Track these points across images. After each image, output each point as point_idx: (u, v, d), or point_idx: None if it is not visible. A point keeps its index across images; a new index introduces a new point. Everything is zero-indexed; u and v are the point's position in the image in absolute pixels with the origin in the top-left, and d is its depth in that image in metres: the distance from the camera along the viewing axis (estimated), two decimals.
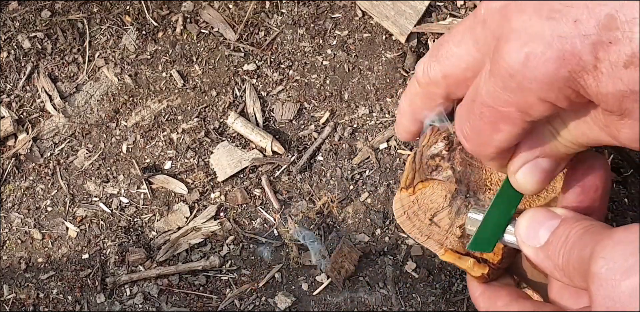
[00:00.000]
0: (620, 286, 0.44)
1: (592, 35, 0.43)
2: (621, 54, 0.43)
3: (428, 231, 0.64)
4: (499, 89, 0.47)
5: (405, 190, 0.64)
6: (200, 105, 0.91)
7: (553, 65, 0.45)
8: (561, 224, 0.52)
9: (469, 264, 0.63)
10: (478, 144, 0.52)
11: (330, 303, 0.85)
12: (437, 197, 0.63)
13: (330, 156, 0.88)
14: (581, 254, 0.49)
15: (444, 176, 0.62)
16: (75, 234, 0.88)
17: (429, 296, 0.84)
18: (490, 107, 0.49)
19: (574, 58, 0.44)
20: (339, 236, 0.86)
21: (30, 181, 0.90)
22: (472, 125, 0.51)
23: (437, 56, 0.53)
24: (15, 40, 0.93)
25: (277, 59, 0.91)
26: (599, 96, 0.45)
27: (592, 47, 0.43)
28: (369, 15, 0.92)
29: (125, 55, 0.93)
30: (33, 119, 0.92)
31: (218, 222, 0.87)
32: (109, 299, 0.86)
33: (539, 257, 0.53)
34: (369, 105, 0.89)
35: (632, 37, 0.42)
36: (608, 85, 0.44)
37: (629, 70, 0.43)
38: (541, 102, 0.47)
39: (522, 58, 0.45)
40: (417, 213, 0.64)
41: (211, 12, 0.93)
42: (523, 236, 0.55)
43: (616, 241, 0.46)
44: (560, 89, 0.46)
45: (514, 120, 0.49)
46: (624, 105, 0.45)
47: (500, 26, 0.47)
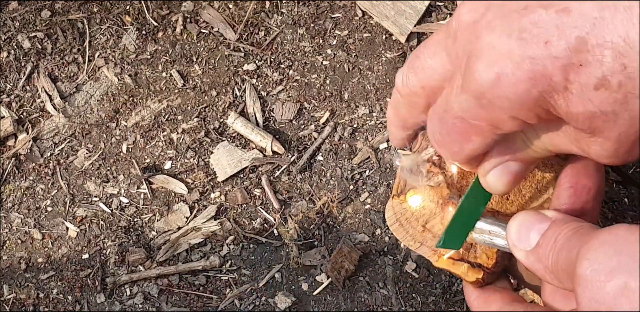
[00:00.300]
0: (605, 287, 0.44)
1: (562, 57, 0.44)
2: (591, 76, 0.43)
3: (421, 237, 0.64)
4: (470, 104, 0.48)
5: (397, 197, 0.64)
6: (200, 105, 0.91)
7: (524, 85, 0.45)
8: (550, 227, 0.53)
9: (463, 269, 0.63)
10: (450, 151, 0.53)
11: (330, 303, 0.85)
12: (430, 203, 0.63)
13: (330, 156, 0.88)
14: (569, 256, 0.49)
15: (435, 181, 0.62)
16: (75, 234, 0.88)
17: (429, 296, 0.84)
18: (461, 119, 0.50)
19: (544, 79, 0.45)
20: (339, 236, 0.86)
21: (30, 181, 0.90)
22: (443, 133, 0.52)
23: (414, 68, 0.54)
24: (15, 40, 0.93)
25: (277, 59, 0.91)
26: (570, 115, 0.46)
27: (562, 69, 0.44)
28: (369, 15, 0.92)
29: (125, 55, 0.93)
30: (33, 119, 0.92)
31: (218, 222, 0.87)
32: (109, 299, 0.86)
33: (530, 260, 0.53)
34: (369, 105, 0.89)
35: (602, 61, 0.43)
36: (578, 105, 0.45)
37: (599, 92, 0.44)
38: (512, 119, 0.48)
39: (492, 77, 0.46)
40: (409, 220, 0.64)
41: (211, 12, 0.93)
42: (514, 239, 0.55)
43: (601, 242, 0.46)
44: (531, 108, 0.46)
45: (485, 133, 0.50)
46: (594, 124, 0.45)
47: (470, 42, 0.48)
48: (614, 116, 0.44)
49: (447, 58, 0.51)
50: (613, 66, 0.43)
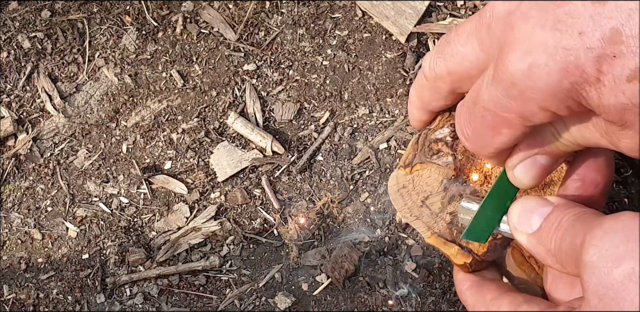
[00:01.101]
0: (613, 273, 0.44)
1: (596, 48, 0.43)
2: (625, 68, 0.43)
3: (418, 212, 0.64)
4: (501, 95, 0.48)
5: (403, 169, 0.64)
6: (200, 105, 0.91)
7: (556, 76, 0.45)
8: (554, 211, 0.53)
9: (453, 251, 0.64)
10: (478, 145, 0.53)
11: (330, 303, 0.85)
12: (433, 181, 0.63)
13: (330, 155, 0.88)
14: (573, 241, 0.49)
15: (443, 161, 0.63)
16: (75, 234, 0.88)
17: (429, 296, 0.84)
18: (491, 111, 0.49)
19: (577, 70, 0.44)
20: (339, 236, 0.86)
21: (30, 181, 0.90)
22: (473, 127, 0.52)
23: (443, 53, 0.54)
24: (15, 40, 0.93)
25: (277, 59, 0.91)
26: (601, 108, 0.46)
27: (596, 60, 0.44)
28: (369, 15, 0.92)
29: (125, 55, 0.93)
30: (33, 119, 0.92)
31: (218, 222, 0.87)
32: (109, 299, 0.86)
33: (531, 243, 0.53)
34: (369, 105, 0.89)
35: (637, 52, 0.42)
36: (610, 97, 0.44)
37: (631, 84, 0.43)
38: (542, 111, 0.47)
39: (525, 68, 0.45)
40: (410, 193, 0.64)
41: (211, 12, 0.93)
42: (515, 222, 0.55)
43: (607, 229, 0.46)
44: (562, 99, 0.46)
45: (515, 125, 0.49)
46: (626, 117, 0.45)
47: (504, 33, 0.47)
48: None
49: (479, 47, 0.51)
50: None
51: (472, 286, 0.63)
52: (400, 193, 0.64)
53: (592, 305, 0.45)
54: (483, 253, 0.63)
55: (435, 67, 0.55)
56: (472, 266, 0.64)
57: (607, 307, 0.44)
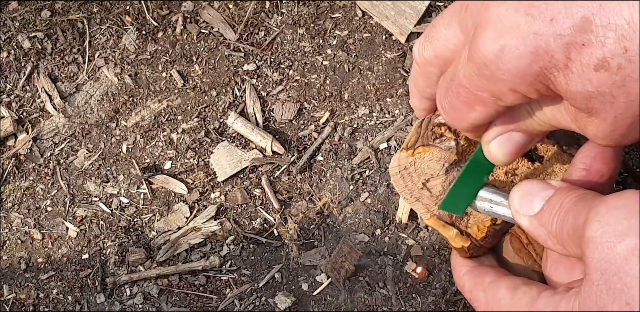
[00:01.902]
0: (616, 248, 0.45)
1: (566, 35, 0.44)
2: (593, 57, 0.44)
3: (419, 194, 0.65)
4: (474, 74, 0.49)
5: (406, 151, 0.65)
6: (200, 105, 0.91)
7: (525, 60, 0.46)
8: (556, 193, 0.53)
9: (452, 233, 0.64)
10: (455, 118, 0.54)
11: (330, 303, 0.85)
12: (435, 164, 0.64)
13: (330, 155, 0.88)
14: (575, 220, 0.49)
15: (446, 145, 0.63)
16: (75, 234, 0.88)
17: (429, 296, 0.84)
18: (466, 88, 0.51)
19: (546, 55, 0.45)
20: (339, 236, 0.86)
21: (30, 181, 0.90)
22: (449, 101, 0.53)
23: (429, 37, 0.56)
24: (15, 40, 0.93)
25: (277, 59, 0.91)
26: (568, 93, 0.47)
27: (565, 47, 0.44)
28: (369, 15, 0.92)
29: (125, 55, 0.93)
30: (33, 119, 0.92)
31: (218, 222, 0.87)
32: (109, 299, 0.86)
33: (533, 225, 0.54)
34: (369, 105, 0.89)
35: (605, 42, 0.43)
36: (577, 84, 0.45)
37: (598, 73, 0.44)
38: (512, 92, 0.49)
39: (496, 50, 0.47)
40: (411, 175, 0.65)
41: (211, 12, 0.93)
42: (517, 205, 0.56)
43: (610, 206, 0.47)
44: (531, 82, 0.47)
45: (488, 103, 0.51)
46: (591, 104, 0.46)
47: (479, 14, 0.48)
48: (611, 98, 0.45)
49: (460, 28, 0.52)
50: (614, 48, 0.43)
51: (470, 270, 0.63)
52: (402, 175, 0.65)
53: (594, 280, 0.46)
54: (481, 238, 0.64)
55: (423, 51, 0.56)
56: (470, 251, 0.65)
57: (609, 282, 0.45)
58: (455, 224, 0.65)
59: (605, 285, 0.45)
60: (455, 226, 0.64)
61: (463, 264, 0.64)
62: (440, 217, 0.65)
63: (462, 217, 0.65)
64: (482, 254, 0.66)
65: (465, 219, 0.65)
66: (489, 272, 0.61)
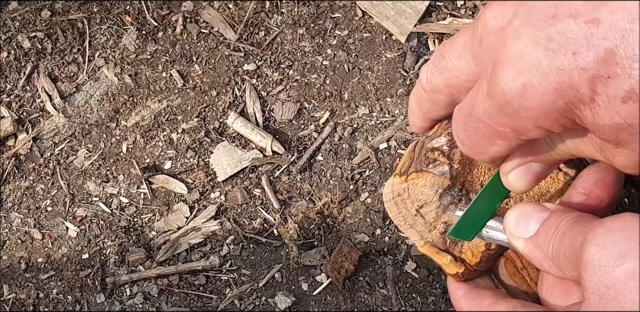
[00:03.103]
0: (614, 271, 0.45)
1: (590, 69, 0.43)
2: (620, 89, 0.43)
3: (412, 220, 0.65)
4: (495, 111, 0.48)
5: (399, 177, 0.64)
6: (200, 105, 0.91)
7: (550, 96, 0.45)
8: (551, 215, 0.53)
9: (446, 260, 0.64)
10: (473, 151, 0.54)
11: (330, 303, 0.85)
12: (428, 190, 0.63)
13: (330, 155, 0.88)
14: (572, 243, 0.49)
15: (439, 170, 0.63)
16: (75, 234, 0.88)
17: (429, 296, 0.84)
18: (486, 124, 0.50)
19: (571, 90, 0.44)
20: (339, 236, 0.86)
21: (30, 181, 0.90)
22: (468, 135, 0.53)
23: (439, 67, 0.55)
24: (15, 40, 0.93)
25: (277, 59, 0.91)
26: (595, 126, 0.46)
27: (590, 81, 0.44)
28: (369, 15, 0.92)
29: (125, 55, 0.93)
30: (33, 119, 0.92)
31: (218, 222, 0.87)
32: (109, 299, 0.86)
33: (528, 248, 0.53)
34: (369, 105, 0.89)
35: (631, 74, 0.43)
36: (605, 117, 0.45)
37: (626, 105, 0.44)
38: (536, 128, 0.48)
39: (518, 87, 0.46)
40: (405, 201, 0.64)
41: (211, 12, 0.93)
42: (512, 228, 0.55)
43: (608, 229, 0.46)
44: (556, 118, 0.46)
45: (509, 138, 0.50)
46: (620, 136, 0.46)
47: (496, 49, 0.47)
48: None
49: (473, 61, 0.51)
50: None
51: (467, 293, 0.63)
52: (395, 201, 0.65)
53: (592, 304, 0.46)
54: (476, 263, 0.64)
55: (432, 80, 0.56)
56: (464, 276, 0.65)
57: (607, 306, 0.45)
58: (449, 250, 0.64)
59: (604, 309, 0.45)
60: (449, 252, 0.64)
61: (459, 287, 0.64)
62: (434, 244, 0.65)
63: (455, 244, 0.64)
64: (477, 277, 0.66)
65: (459, 244, 0.65)
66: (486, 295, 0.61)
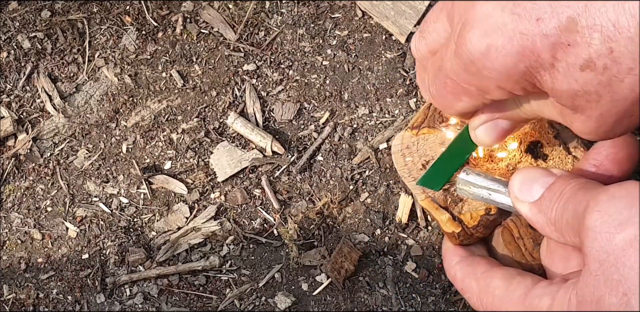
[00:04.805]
0: (615, 238, 0.45)
1: (552, 35, 0.45)
2: (578, 57, 0.44)
3: (417, 174, 0.65)
4: (460, 69, 0.50)
5: (411, 130, 0.65)
6: (200, 105, 0.91)
7: (512, 59, 0.46)
8: (557, 181, 0.54)
9: (444, 218, 0.64)
10: (442, 105, 0.56)
11: (330, 303, 0.85)
12: (438, 147, 0.64)
13: (330, 155, 0.88)
14: (576, 208, 0.50)
15: (451, 129, 0.63)
16: (75, 234, 0.88)
17: (429, 296, 0.84)
18: (453, 80, 0.51)
19: (532, 55, 0.46)
20: (339, 236, 0.86)
21: (30, 181, 0.90)
22: (436, 89, 0.54)
23: (422, 32, 0.57)
24: (15, 40, 0.93)
25: (277, 59, 0.92)
26: (554, 91, 0.47)
27: (551, 47, 0.45)
28: (369, 15, 0.92)
29: (125, 55, 0.93)
30: (33, 119, 0.92)
31: (218, 223, 0.87)
32: (109, 299, 0.86)
33: (532, 212, 0.54)
34: (369, 105, 0.89)
35: (591, 43, 0.43)
36: (563, 83, 0.46)
37: (584, 73, 0.45)
38: (498, 89, 0.49)
39: (482, 48, 0.47)
40: (412, 154, 0.65)
41: (211, 12, 0.93)
42: (516, 191, 0.56)
43: (611, 196, 0.47)
44: (517, 81, 0.48)
45: (474, 96, 0.52)
46: (577, 102, 0.47)
47: (466, 10, 0.49)
48: (597, 97, 0.45)
49: (448, 22, 0.53)
50: (600, 49, 0.43)
51: (461, 260, 0.63)
52: (403, 153, 0.65)
53: (592, 270, 0.46)
54: (473, 226, 0.64)
55: (418, 47, 0.58)
56: (460, 237, 0.65)
57: (606, 272, 0.45)
58: (449, 208, 0.65)
59: (602, 275, 0.45)
60: (448, 211, 0.65)
61: (455, 254, 0.65)
62: (435, 199, 0.65)
63: (456, 203, 0.65)
64: (472, 243, 0.66)
65: (459, 205, 0.65)
66: (481, 263, 0.61)
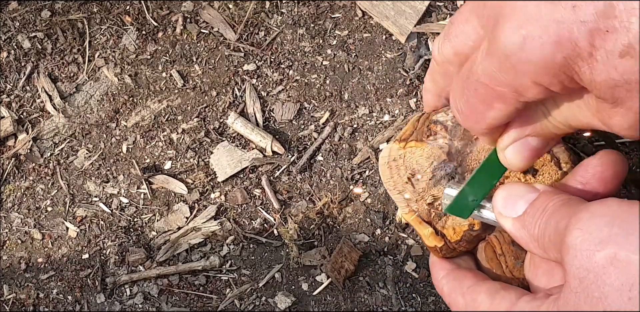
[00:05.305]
0: (595, 256, 0.45)
1: (589, 22, 0.43)
2: (617, 43, 0.43)
3: (402, 187, 0.65)
4: (494, 68, 0.48)
5: (398, 142, 0.65)
6: (200, 105, 0.91)
7: (549, 49, 0.45)
8: (540, 196, 0.53)
9: (427, 232, 0.64)
10: (471, 119, 0.53)
11: (330, 303, 0.85)
12: (424, 160, 0.64)
13: (330, 156, 0.88)
14: (557, 225, 0.49)
15: (438, 143, 0.63)
16: (75, 234, 0.88)
17: (429, 296, 0.84)
18: (485, 85, 0.49)
19: (570, 44, 0.44)
20: (339, 236, 0.86)
21: (30, 181, 0.90)
22: (466, 100, 0.52)
23: (448, 35, 0.55)
24: (15, 40, 0.93)
25: (277, 59, 0.92)
26: (592, 83, 0.45)
27: (588, 34, 0.43)
28: (369, 15, 0.92)
29: (125, 55, 0.93)
30: (33, 119, 0.92)
31: (218, 222, 0.87)
32: (109, 299, 0.86)
33: (515, 228, 0.53)
34: (369, 105, 0.89)
35: (630, 28, 0.42)
36: (602, 73, 0.44)
37: (624, 60, 0.43)
38: (535, 85, 0.47)
39: (518, 40, 0.45)
40: (399, 167, 0.65)
41: (211, 12, 0.93)
42: (500, 207, 0.55)
43: (592, 214, 0.46)
44: (555, 74, 0.46)
45: (508, 100, 0.49)
46: (617, 94, 0.45)
47: (499, 6, 0.47)
48: (637, 86, 0.44)
49: (479, 23, 0.51)
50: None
51: (448, 274, 0.63)
52: (389, 165, 0.65)
53: (572, 287, 0.46)
54: (456, 241, 0.64)
55: (442, 49, 0.56)
56: (442, 251, 0.65)
57: (586, 290, 0.45)
58: (432, 223, 0.65)
59: (583, 293, 0.45)
60: (431, 225, 0.65)
61: (441, 267, 0.64)
62: (419, 214, 0.65)
63: (439, 218, 0.65)
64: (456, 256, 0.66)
65: (443, 219, 0.65)
66: (467, 276, 0.61)
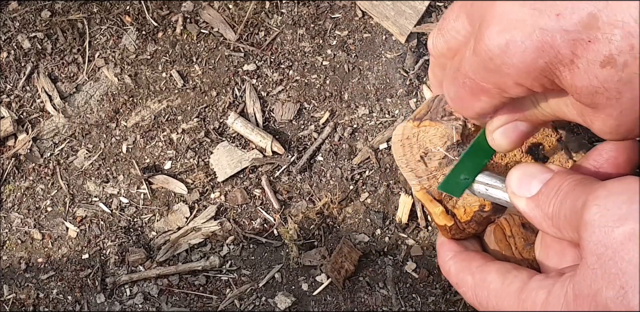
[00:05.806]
0: (614, 232, 0.45)
1: (572, 31, 0.44)
2: (599, 53, 0.44)
3: (414, 165, 0.65)
4: (479, 67, 0.49)
5: (412, 121, 0.65)
6: (200, 106, 0.91)
7: (531, 55, 0.46)
8: (554, 176, 0.54)
9: (437, 210, 0.65)
10: (460, 106, 0.55)
11: (330, 303, 0.85)
12: (437, 140, 0.64)
13: (330, 156, 0.88)
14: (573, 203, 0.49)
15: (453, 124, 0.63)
16: (75, 234, 0.88)
17: (429, 296, 0.84)
18: (471, 79, 0.51)
19: (552, 51, 0.45)
20: (339, 236, 0.86)
21: (30, 181, 0.90)
22: (455, 90, 0.54)
23: (441, 30, 0.57)
24: (15, 40, 0.93)
25: (277, 59, 0.92)
26: (573, 88, 0.47)
27: (571, 43, 0.45)
28: (369, 15, 0.92)
29: (125, 56, 0.93)
30: (33, 119, 0.92)
31: (218, 223, 0.87)
32: (109, 299, 0.86)
33: (529, 207, 0.54)
34: (369, 105, 0.89)
35: (612, 39, 0.43)
36: (583, 80, 0.45)
37: (604, 69, 0.44)
38: (517, 86, 0.49)
39: (502, 44, 0.47)
40: (412, 146, 0.65)
41: (211, 12, 0.93)
42: (514, 186, 0.56)
43: (610, 190, 0.47)
44: (536, 77, 0.47)
45: (493, 95, 0.51)
46: (597, 100, 0.46)
47: (485, 7, 0.49)
48: (617, 94, 0.45)
49: (467, 20, 0.53)
50: (621, 45, 0.43)
51: (456, 255, 0.63)
52: (402, 143, 0.65)
53: (589, 263, 0.46)
54: (466, 221, 0.64)
55: (436, 43, 0.57)
56: (451, 231, 0.65)
57: (604, 266, 0.45)
58: (443, 202, 0.65)
59: (600, 269, 0.45)
60: (442, 204, 0.65)
61: (449, 249, 0.65)
62: (430, 191, 0.65)
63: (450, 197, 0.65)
64: (464, 238, 0.66)
65: (454, 199, 0.65)
66: (475, 257, 0.61)
